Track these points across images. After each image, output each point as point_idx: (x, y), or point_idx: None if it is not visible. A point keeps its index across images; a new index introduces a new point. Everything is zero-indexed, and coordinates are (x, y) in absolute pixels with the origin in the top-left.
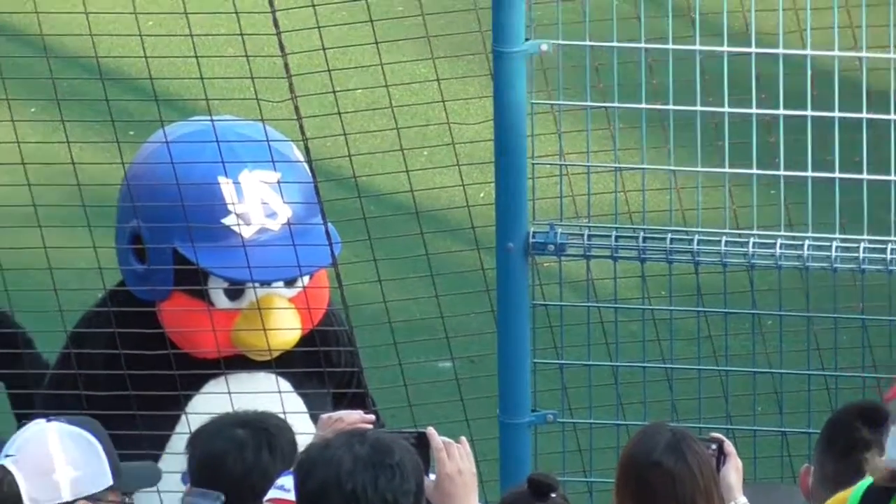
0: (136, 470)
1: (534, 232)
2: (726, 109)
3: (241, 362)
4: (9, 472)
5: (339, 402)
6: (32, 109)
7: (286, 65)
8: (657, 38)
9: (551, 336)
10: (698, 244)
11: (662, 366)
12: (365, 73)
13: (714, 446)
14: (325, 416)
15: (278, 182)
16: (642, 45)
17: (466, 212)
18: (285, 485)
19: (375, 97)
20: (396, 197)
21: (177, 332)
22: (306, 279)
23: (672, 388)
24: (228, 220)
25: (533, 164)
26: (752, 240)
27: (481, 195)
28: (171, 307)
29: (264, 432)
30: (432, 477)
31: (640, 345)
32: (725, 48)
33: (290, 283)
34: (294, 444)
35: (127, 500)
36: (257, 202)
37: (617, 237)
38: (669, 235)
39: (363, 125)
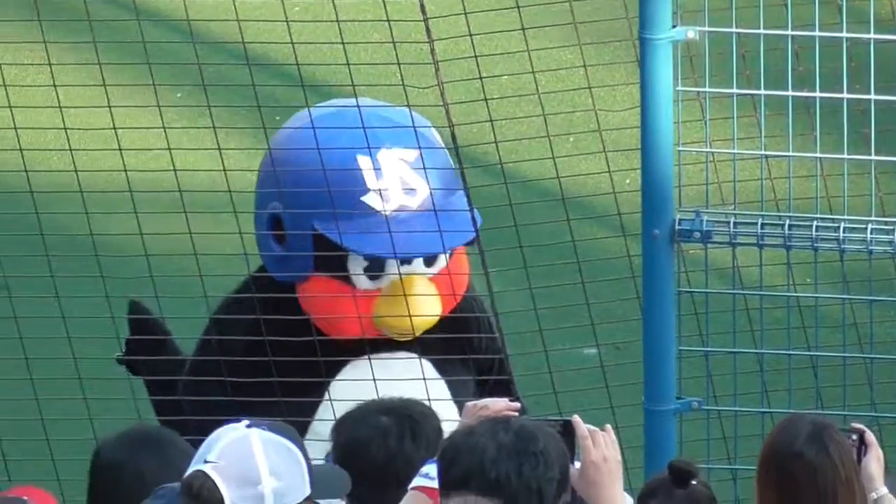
0: (328, 477)
1: (680, 219)
2: (873, 97)
3: (383, 344)
4: (209, 478)
5: (483, 389)
6: (178, 95)
7: (432, 50)
8: (804, 24)
9: (696, 323)
10: (844, 231)
11: (807, 353)
12: (511, 59)
13: (855, 436)
14: (470, 403)
15: (421, 156)
16: (789, 31)
17: (612, 198)
18: (430, 473)
19: (521, 83)
20: (542, 183)
21: (319, 317)
22: (445, 260)
23: (817, 376)
24: (368, 198)
25: (679, 151)
26: None
27: (627, 182)
28: (310, 290)
29: (408, 419)
30: (577, 465)
31: (784, 332)
32: (872, 35)
33: (429, 262)
34: (439, 431)
35: None
36: (396, 179)
37: (762, 224)
38: (815, 223)
39: (509, 111)
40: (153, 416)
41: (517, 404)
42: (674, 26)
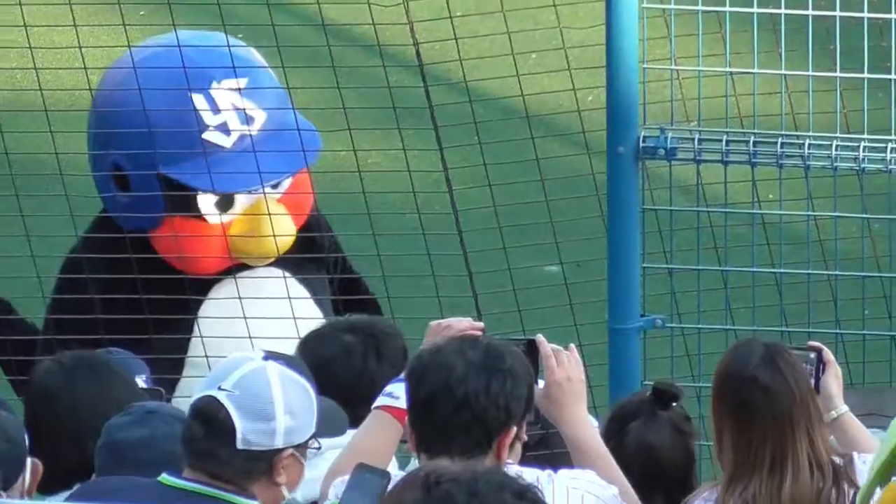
0: (329, 415)
1: (644, 136)
2: (838, 13)
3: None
4: (223, 407)
5: (339, 284)
6: (142, 13)
7: None
8: None
9: (660, 241)
10: (809, 148)
11: (771, 270)
12: None
13: (813, 355)
14: (433, 322)
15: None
16: None
17: (576, 116)
18: (394, 392)
19: (484, 0)
20: (505, 101)
21: (176, 256)
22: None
23: (781, 293)
24: (209, 135)
25: (644, 68)
26: (862, 143)
27: (590, 99)
28: (164, 232)
29: (372, 338)
30: (541, 384)
31: (749, 249)
32: None
33: (275, 185)
34: (404, 350)
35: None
36: (232, 111)
37: (728, 141)
38: (780, 140)
39: (472, 29)
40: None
41: (481, 324)
42: None
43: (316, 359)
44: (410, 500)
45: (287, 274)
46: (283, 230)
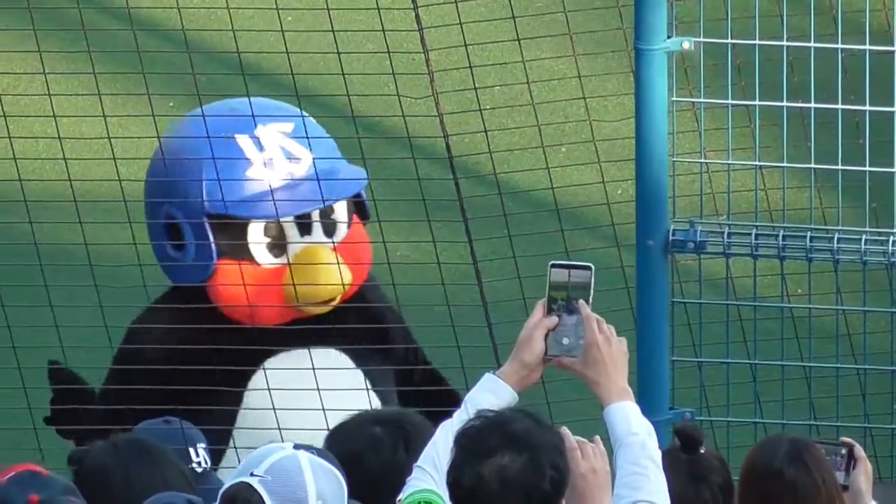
0: None
1: (674, 229)
2: (867, 108)
3: (301, 337)
4: (255, 492)
5: (408, 381)
6: (171, 104)
7: (427, 61)
8: (799, 35)
9: (690, 334)
10: (838, 242)
11: (801, 364)
12: (504, 69)
13: (844, 451)
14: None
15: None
16: (784, 42)
17: (605, 209)
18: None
19: (514, 94)
20: (535, 194)
21: (230, 305)
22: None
23: (810, 387)
24: (252, 171)
25: (673, 161)
26: (892, 238)
27: (619, 192)
28: (221, 280)
29: (401, 430)
30: None
31: (778, 343)
32: (867, 46)
33: (329, 231)
34: None
35: None
36: (277, 149)
37: (757, 235)
38: (809, 233)
39: (502, 122)
40: None
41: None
42: (669, 37)
43: (344, 451)
44: None
45: (344, 359)
46: (337, 277)
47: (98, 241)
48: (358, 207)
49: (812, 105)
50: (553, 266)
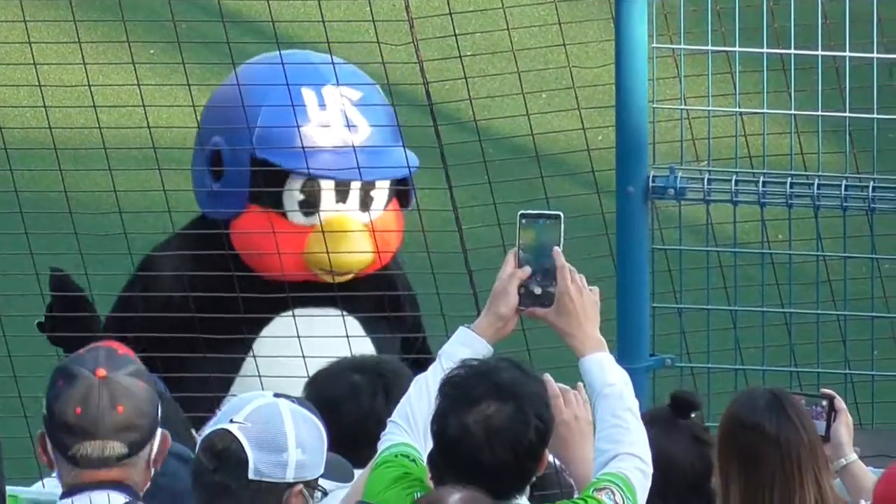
0: (334, 461)
1: (654, 176)
2: (847, 54)
3: (310, 297)
4: (236, 439)
5: (408, 350)
6: (152, 51)
7: (407, 7)
8: None
9: (670, 280)
10: (818, 188)
11: (781, 310)
12: (484, 16)
13: (825, 402)
14: None
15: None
16: None
17: (585, 155)
18: None
19: (494, 40)
20: (515, 140)
21: (249, 252)
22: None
23: (790, 333)
24: (309, 129)
25: (653, 107)
26: (872, 183)
27: (599, 138)
28: (244, 226)
29: (380, 378)
30: None
31: (758, 289)
32: None
33: (364, 205)
34: None
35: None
36: (338, 113)
37: (737, 181)
38: (789, 179)
39: (482, 68)
40: None
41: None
42: None
43: (324, 398)
44: None
45: (352, 324)
46: (361, 247)
47: (77, 189)
48: (400, 194)
49: (792, 51)
50: (522, 216)
